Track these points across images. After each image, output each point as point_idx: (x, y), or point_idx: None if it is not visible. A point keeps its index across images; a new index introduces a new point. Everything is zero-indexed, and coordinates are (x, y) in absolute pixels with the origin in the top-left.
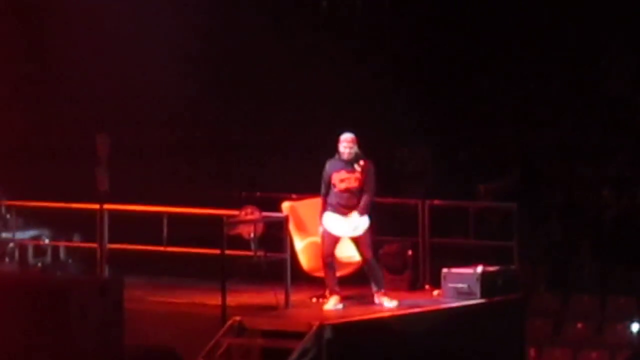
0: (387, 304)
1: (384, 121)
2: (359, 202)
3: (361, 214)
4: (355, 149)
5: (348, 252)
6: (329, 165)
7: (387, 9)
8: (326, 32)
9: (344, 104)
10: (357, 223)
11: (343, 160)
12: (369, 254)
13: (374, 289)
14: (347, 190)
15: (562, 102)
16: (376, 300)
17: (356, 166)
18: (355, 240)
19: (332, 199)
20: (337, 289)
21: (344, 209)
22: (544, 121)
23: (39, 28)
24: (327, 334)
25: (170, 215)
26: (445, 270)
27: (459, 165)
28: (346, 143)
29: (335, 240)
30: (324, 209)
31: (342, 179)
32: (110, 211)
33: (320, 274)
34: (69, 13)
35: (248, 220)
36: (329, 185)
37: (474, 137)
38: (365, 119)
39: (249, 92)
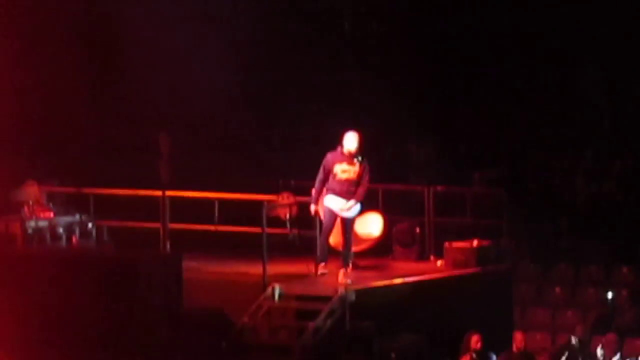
0: (343, 279)
1: (395, 120)
2: (355, 191)
3: (357, 200)
4: (357, 146)
5: (367, 229)
6: (331, 156)
7: (399, 28)
8: (349, 48)
9: (363, 107)
10: (353, 207)
11: (344, 154)
12: (350, 235)
13: (342, 264)
14: (347, 180)
15: (545, 105)
16: (340, 274)
17: (356, 161)
18: (345, 221)
19: (332, 185)
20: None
21: (345, 194)
22: (530, 121)
23: (112, 43)
24: (350, 297)
25: (220, 200)
26: (447, 244)
27: (458, 157)
28: (353, 140)
29: (335, 218)
30: (325, 192)
31: (344, 170)
32: (170, 197)
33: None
34: (138, 32)
35: (284, 203)
36: (328, 172)
37: (471, 134)
38: (380, 118)
39: (283, 97)
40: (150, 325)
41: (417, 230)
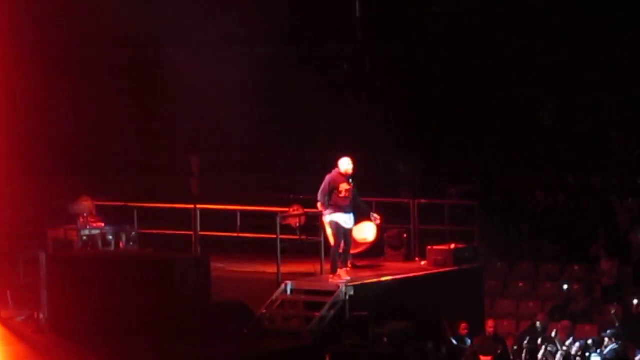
0: (344, 277)
1: (386, 145)
2: (353, 204)
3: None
4: (352, 167)
5: (363, 235)
6: (336, 177)
7: (389, 70)
8: (348, 86)
9: (360, 134)
10: (353, 220)
11: (344, 175)
12: (350, 241)
13: (342, 264)
14: (348, 197)
15: (510, 132)
16: (340, 272)
17: (350, 180)
18: (347, 231)
19: (338, 201)
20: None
21: (347, 208)
22: (497, 145)
23: (154, 78)
24: (350, 291)
25: (242, 212)
26: (429, 247)
27: (438, 175)
28: (351, 164)
29: (344, 231)
30: (330, 209)
31: (346, 189)
32: (200, 209)
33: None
34: (173, 71)
35: (295, 214)
36: (333, 190)
37: (449, 156)
38: (373, 144)
39: (295, 127)
40: (183, 314)
41: (405, 235)
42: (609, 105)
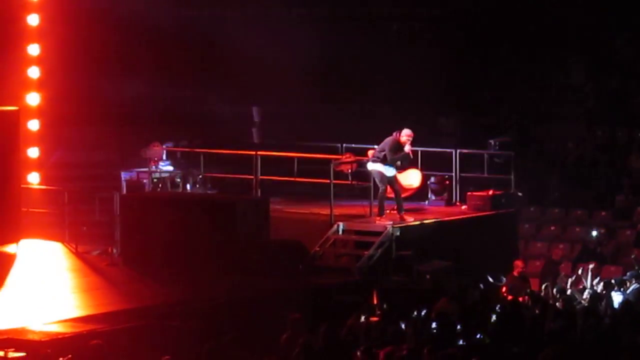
0: (408, 219)
1: (431, 100)
2: None
3: None
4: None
5: (409, 181)
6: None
7: (435, 30)
8: (397, 45)
9: (406, 90)
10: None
11: (401, 143)
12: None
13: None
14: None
15: (545, 89)
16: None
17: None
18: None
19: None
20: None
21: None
22: (533, 101)
23: (219, 37)
24: (396, 232)
25: (299, 158)
26: (469, 193)
27: (478, 127)
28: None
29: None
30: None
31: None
32: (261, 155)
33: (391, 195)
34: (240, 36)
35: (347, 161)
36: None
37: (488, 110)
38: (419, 98)
39: (346, 82)
40: (244, 251)
41: (447, 182)
42: (635, 65)
